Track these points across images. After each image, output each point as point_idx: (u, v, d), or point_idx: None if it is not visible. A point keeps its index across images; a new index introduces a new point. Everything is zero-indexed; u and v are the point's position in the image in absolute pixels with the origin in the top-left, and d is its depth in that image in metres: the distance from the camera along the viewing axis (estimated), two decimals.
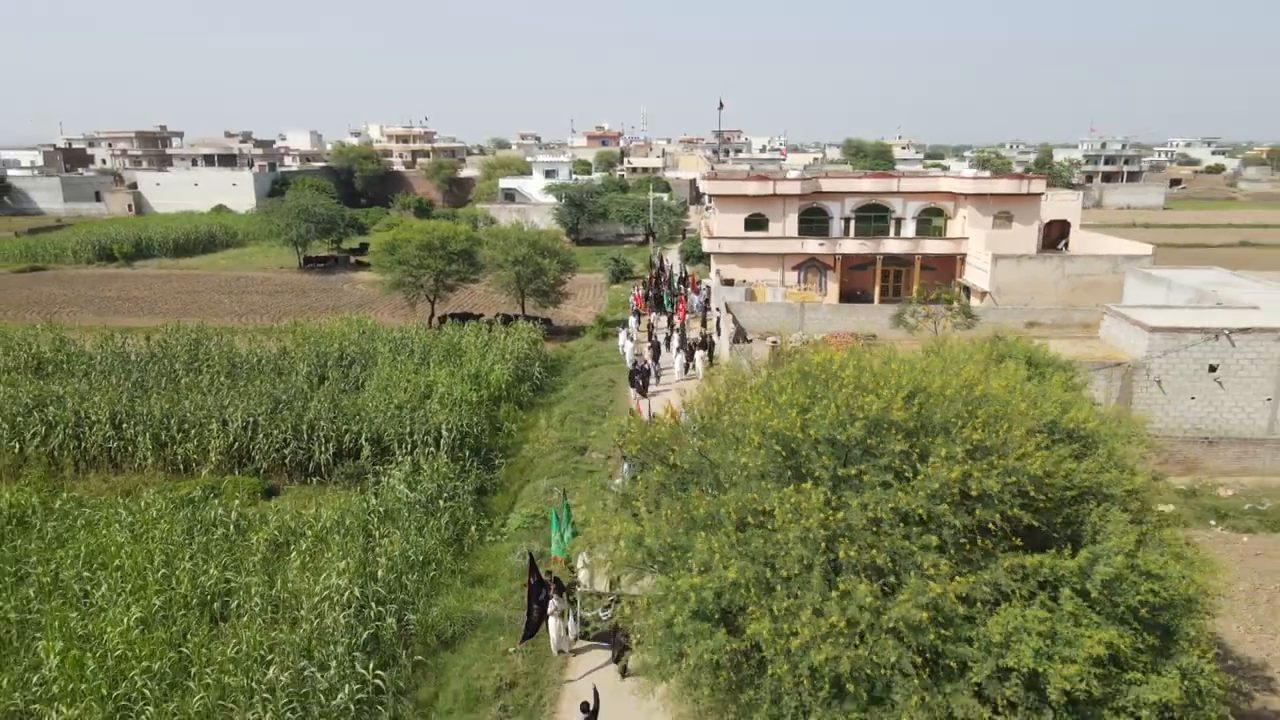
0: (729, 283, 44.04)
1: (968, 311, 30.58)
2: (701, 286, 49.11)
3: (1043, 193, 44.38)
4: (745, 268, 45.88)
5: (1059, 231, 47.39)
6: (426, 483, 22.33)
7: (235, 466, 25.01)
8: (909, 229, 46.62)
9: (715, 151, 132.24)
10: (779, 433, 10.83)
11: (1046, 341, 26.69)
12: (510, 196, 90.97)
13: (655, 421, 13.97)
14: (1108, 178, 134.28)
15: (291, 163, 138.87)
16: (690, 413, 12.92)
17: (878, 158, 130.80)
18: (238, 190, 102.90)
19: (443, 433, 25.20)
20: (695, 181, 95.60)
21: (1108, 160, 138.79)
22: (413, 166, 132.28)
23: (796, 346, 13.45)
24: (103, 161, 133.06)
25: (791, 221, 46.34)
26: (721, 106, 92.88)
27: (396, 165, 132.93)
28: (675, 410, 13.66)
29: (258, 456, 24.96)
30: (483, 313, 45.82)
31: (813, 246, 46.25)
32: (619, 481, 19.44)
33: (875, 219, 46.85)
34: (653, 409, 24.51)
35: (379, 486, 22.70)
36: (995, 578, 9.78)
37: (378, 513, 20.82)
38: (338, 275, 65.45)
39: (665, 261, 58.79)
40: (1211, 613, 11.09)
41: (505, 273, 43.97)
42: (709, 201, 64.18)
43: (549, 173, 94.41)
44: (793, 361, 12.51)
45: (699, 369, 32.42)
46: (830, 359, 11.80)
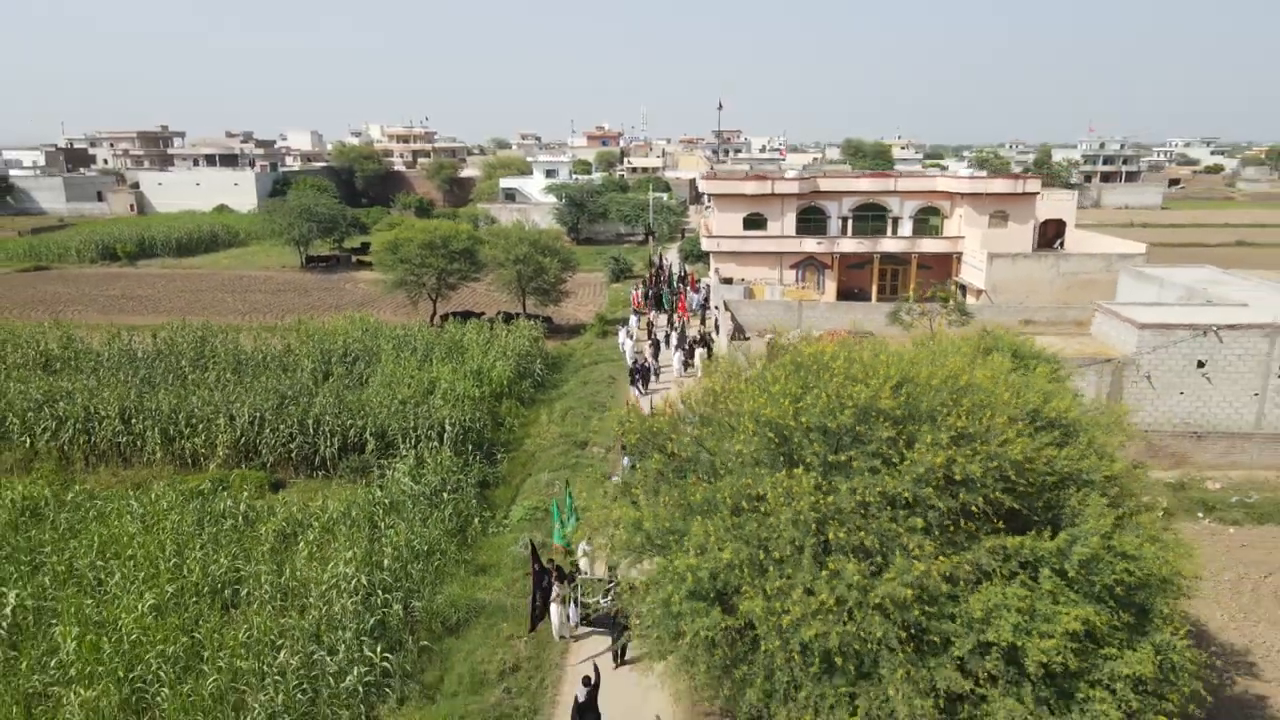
0: (728, 281, 44.51)
1: (962, 309, 31.04)
2: (700, 285, 49.57)
3: (1038, 192, 44.86)
4: (744, 266, 46.35)
5: (1055, 230, 47.86)
6: (430, 476, 22.83)
7: (242, 460, 25.50)
8: (906, 228, 47.09)
9: (715, 151, 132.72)
10: (772, 421, 11.30)
11: (1041, 338, 27.22)
12: (511, 196, 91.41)
13: (654, 413, 14.43)
14: (1106, 178, 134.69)
15: (292, 163, 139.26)
16: (687, 403, 13.38)
17: (877, 158, 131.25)
18: (239, 190, 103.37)
19: (446, 427, 25.67)
20: (695, 181, 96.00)
21: (1106, 160, 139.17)
22: (413, 166, 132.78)
23: (791, 341, 13.89)
24: (104, 161, 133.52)
25: (790, 221, 46.81)
26: (721, 107, 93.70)
27: (397, 165, 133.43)
28: (673, 403, 14.10)
29: (264, 451, 25.42)
30: (484, 311, 46.25)
31: (811, 245, 46.72)
32: (617, 478, 19.89)
33: (873, 218, 47.31)
34: (652, 405, 24.91)
35: (384, 479, 23.16)
36: (977, 558, 10.25)
37: (383, 504, 21.31)
38: (339, 274, 65.90)
39: (665, 261, 59.25)
40: (1187, 594, 11.56)
41: (506, 271, 44.43)
42: (708, 201, 64.62)
43: (549, 173, 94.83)
44: (786, 354, 12.96)
45: (698, 366, 32.81)
46: (822, 351, 12.27)
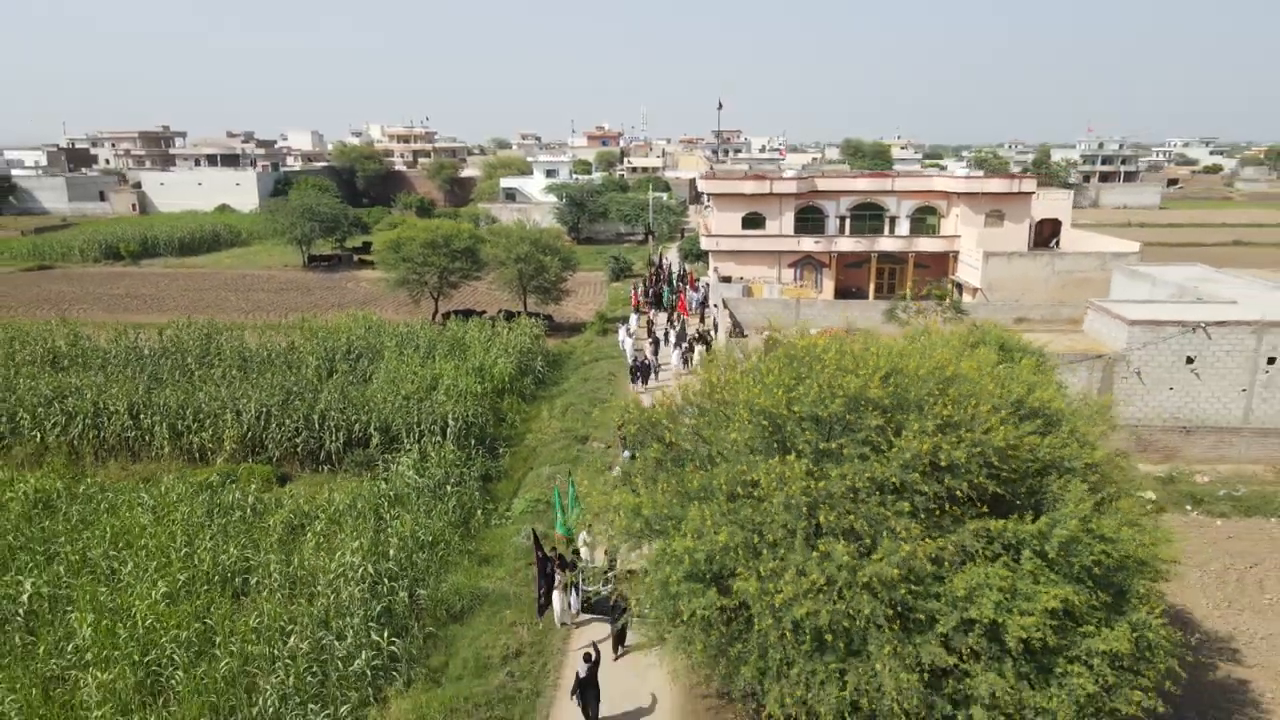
0: (727, 280, 44.97)
1: (958, 307, 31.50)
2: (700, 284, 50.03)
3: (1033, 192, 45.30)
4: (742, 265, 46.81)
5: (1051, 230, 48.31)
6: (434, 469, 23.29)
7: (249, 455, 25.94)
8: (903, 227, 47.54)
9: (715, 151, 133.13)
10: (766, 410, 11.76)
11: (1034, 335, 27.67)
12: (511, 196, 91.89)
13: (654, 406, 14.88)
14: (1105, 178, 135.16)
15: (293, 163, 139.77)
16: (685, 394, 13.84)
17: (876, 158, 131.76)
18: (241, 190, 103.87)
19: (449, 422, 26.12)
20: (694, 181, 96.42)
21: (1105, 160, 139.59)
22: (414, 166, 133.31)
23: (787, 336, 14.36)
24: (106, 161, 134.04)
25: (788, 220, 47.27)
26: (721, 107, 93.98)
27: (398, 165, 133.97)
28: (671, 395, 14.56)
29: (270, 445, 25.88)
30: (485, 309, 46.68)
31: (809, 244, 47.18)
32: (617, 471, 20.30)
33: (870, 217, 47.76)
34: (651, 401, 25.35)
35: (388, 473, 23.63)
36: (962, 540, 10.72)
37: (388, 497, 21.77)
38: (341, 273, 66.38)
39: (665, 260, 59.71)
40: (1165, 577, 12.02)
41: (508, 270, 44.90)
42: (707, 201, 65.05)
43: (550, 172, 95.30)
44: (781, 348, 13.42)
45: (697, 364, 33.23)
46: (814, 343, 12.73)
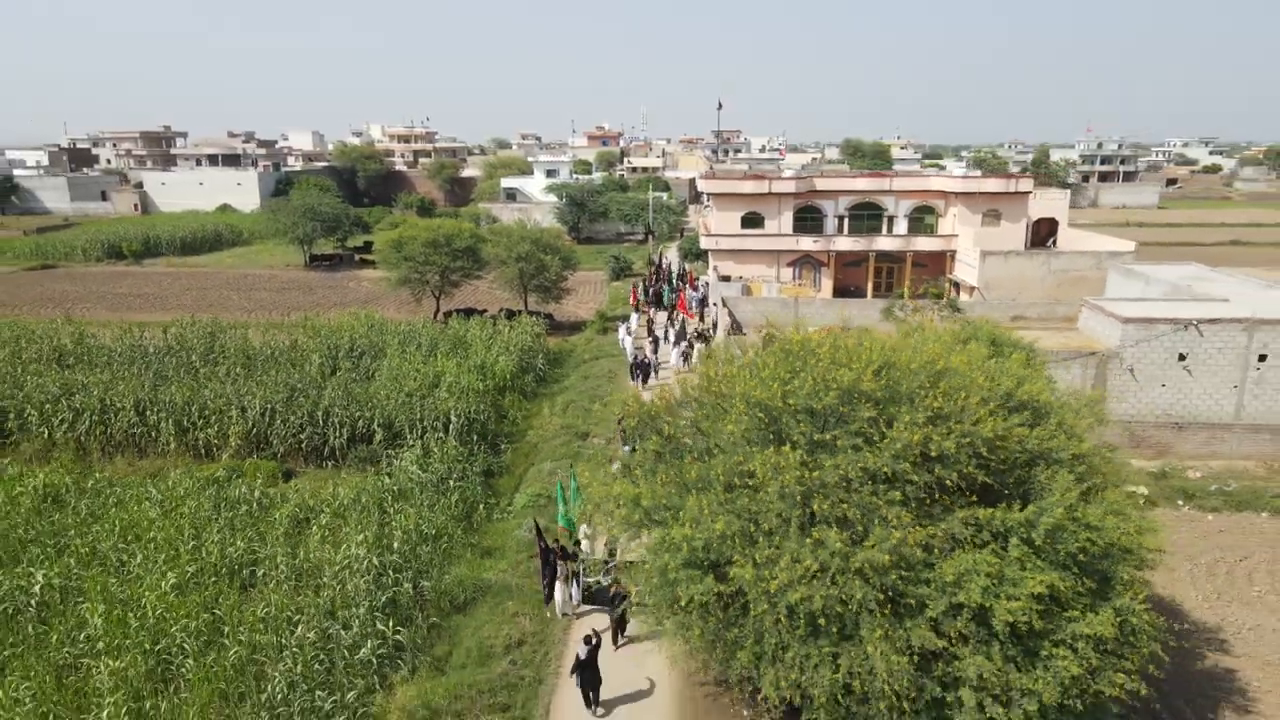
0: (726, 279, 45.25)
1: (954, 305, 31.81)
2: (699, 283, 50.35)
3: (1030, 191, 45.59)
4: (742, 264, 47.12)
5: (1048, 229, 48.58)
6: (437, 464, 23.65)
7: (254, 451, 26.30)
8: (901, 227, 47.85)
9: (715, 151, 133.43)
10: (762, 402, 12.11)
11: (1031, 333, 28.00)
12: (512, 196, 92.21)
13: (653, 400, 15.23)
14: (1104, 177, 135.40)
15: (294, 163, 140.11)
16: (683, 388, 14.19)
17: (875, 158, 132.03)
18: (242, 190, 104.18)
19: (451, 419, 26.48)
20: (694, 181, 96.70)
21: (1104, 160, 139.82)
22: (414, 166, 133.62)
23: (784, 332, 14.70)
24: (108, 161, 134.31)
25: (787, 219, 47.58)
26: (721, 107, 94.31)
27: (398, 165, 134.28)
28: (670, 390, 14.90)
29: (275, 441, 26.25)
30: (486, 308, 47.00)
31: (807, 243, 47.49)
32: (617, 465, 20.63)
33: (868, 217, 48.08)
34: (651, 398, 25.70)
35: (392, 468, 23.97)
36: (951, 528, 11.07)
37: (392, 491, 22.14)
38: (343, 272, 66.71)
39: (665, 259, 60.04)
40: (1149, 565, 12.37)
41: (509, 269, 45.22)
42: (707, 200, 65.36)
43: (550, 172, 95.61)
44: (776, 343, 13.77)
45: (696, 362, 33.58)
46: (809, 338, 13.07)
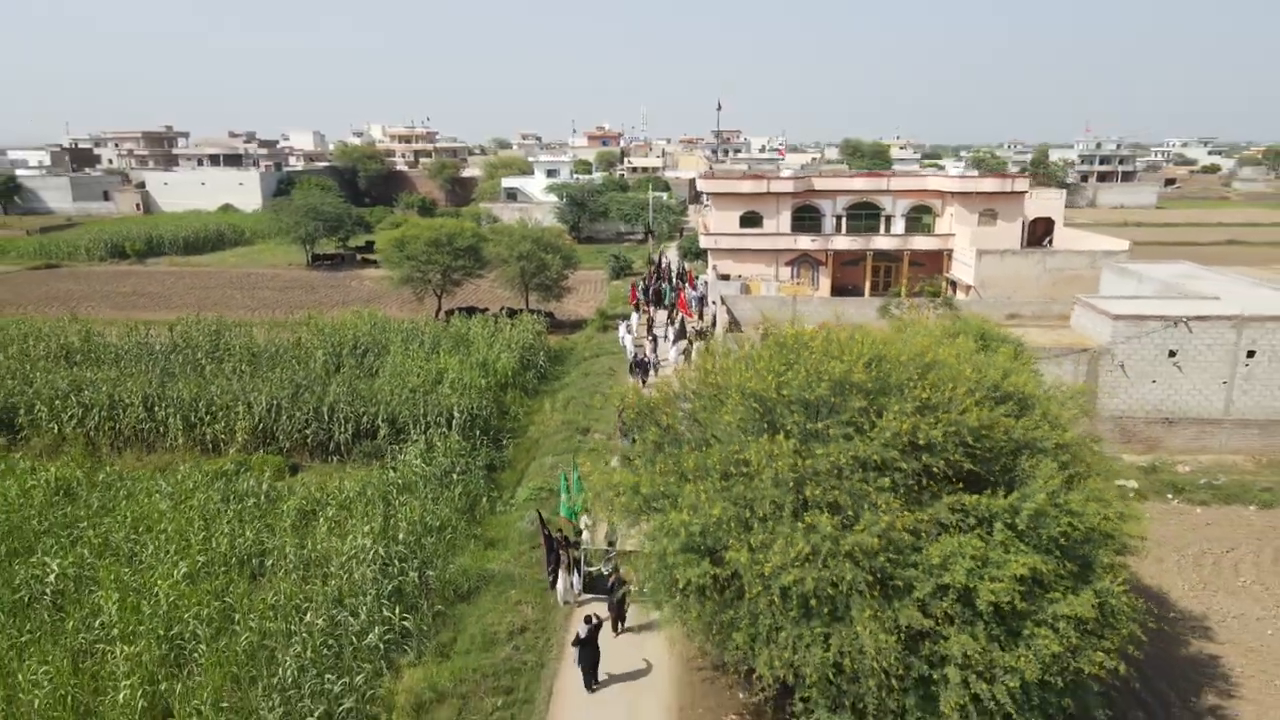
0: (725, 278, 45.73)
1: (950, 303, 32.25)
2: (699, 282, 50.77)
3: (1026, 191, 46.05)
4: (740, 263, 47.57)
5: (1044, 228, 49.05)
6: (440, 459, 24.11)
7: (260, 446, 26.76)
8: (898, 226, 48.32)
9: (714, 151, 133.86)
10: (756, 393, 12.57)
11: (1025, 330, 28.46)
12: (513, 196, 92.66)
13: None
14: (1103, 177, 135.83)
15: (296, 163, 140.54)
16: (681, 380, 14.64)
17: (875, 158, 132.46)
18: (244, 190, 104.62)
19: (454, 414, 26.94)
20: (694, 181, 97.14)
21: (1103, 160, 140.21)
22: (415, 166, 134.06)
23: (780, 327, 15.16)
24: (109, 161, 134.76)
25: (785, 219, 48.04)
26: (720, 107, 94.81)
27: (399, 165, 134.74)
28: (669, 382, 15.35)
29: (281, 436, 26.71)
30: (488, 307, 47.39)
31: (805, 243, 47.94)
32: (616, 460, 21.05)
33: (866, 216, 48.55)
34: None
35: (396, 462, 24.42)
36: (938, 513, 11.51)
37: (396, 485, 22.58)
38: (345, 272, 67.15)
39: (664, 258, 60.46)
40: (1131, 551, 12.82)
41: (510, 268, 45.68)
42: (706, 200, 65.78)
43: (550, 172, 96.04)
44: (770, 336, 14.22)
45: (695, 359, 33.97)
46: (803, 332, 13.52)
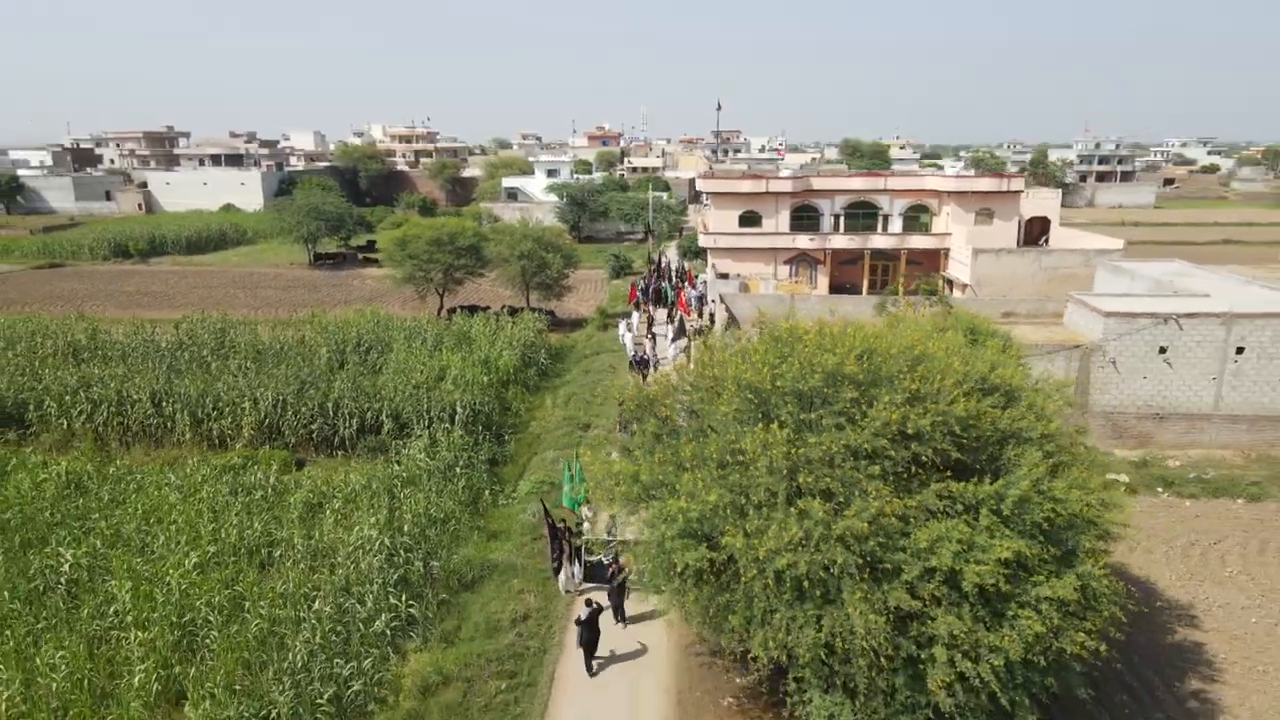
0: (724, 276, 46.11)
1: (945, 301, 32.68)
2: (698, 281, 51.22)
3: (1022, 190, 46.46)
4: (739, 262, 47.98)
5: (1040, 228, 49.48)
6: (444, 453, 24.56)
7: (266, 441, 27.19)
8: (896, 225, 48.73)
9: (714, 151, 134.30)
10: (752, 385, 13.02)
11: (1020, 328, 28.92)
12: (513, 195, 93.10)
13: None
14: (1101, 177, 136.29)
15: (297, 162, 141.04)
16: (679, 373, 15.10)
17: (874, 158, 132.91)
18: (246, 189, 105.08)
19: (457, 410, 27.38)
20: (694, 180, 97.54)
21: (1101, 160, 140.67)
22: (416, 166, 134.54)
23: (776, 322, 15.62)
24: (111, 161, 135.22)
25: (784, 218, 48.46)
26: (720, 107, 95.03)
27: (400, 165, 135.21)
28: (667, 376, 15.79)
29: (287, 432, 27.14)
30: (489, 305, 47.83)
31: (804, 242, 48.36)
32: (616, 452, 21.50)
33: (864, 216, 48.97)
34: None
35: (401, 457, 24.87)
36: (926, 500, 11.96)
37: (401, 478, 23.05)
38: (347, 271, 67.59)
39: (664, 258, 60.91)
40: (1114, 537, 13.27)
41: (511, 267, 46.15)
42: (706, 200, 66.19)
43: (551, 172, 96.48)
44: (766, 330, 14.67)
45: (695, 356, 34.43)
46: (797, 326, 13.98)
